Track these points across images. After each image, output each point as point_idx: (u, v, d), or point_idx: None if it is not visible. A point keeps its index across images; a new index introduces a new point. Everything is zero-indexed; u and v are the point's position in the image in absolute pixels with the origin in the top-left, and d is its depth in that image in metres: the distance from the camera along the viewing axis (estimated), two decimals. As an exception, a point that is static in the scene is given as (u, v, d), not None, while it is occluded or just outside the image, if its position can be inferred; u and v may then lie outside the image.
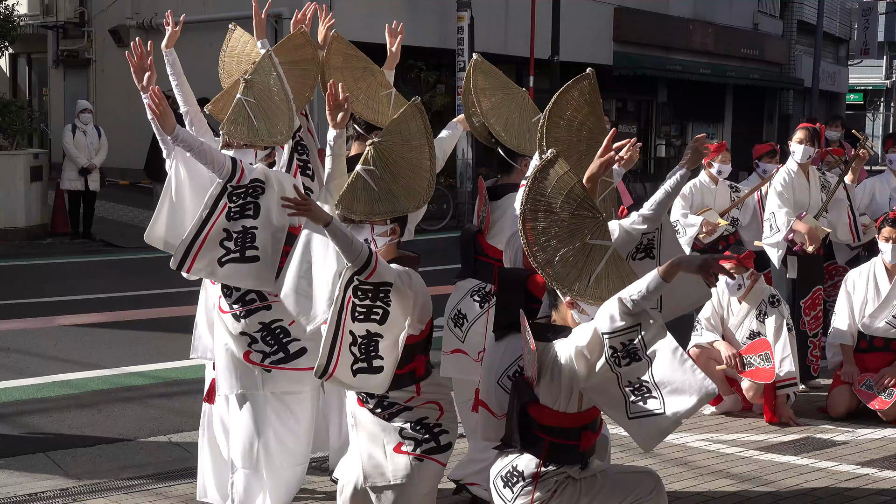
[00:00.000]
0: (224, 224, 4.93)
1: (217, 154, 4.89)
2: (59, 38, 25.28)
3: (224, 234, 4.93)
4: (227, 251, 4.93)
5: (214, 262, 4.92)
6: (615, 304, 3.92)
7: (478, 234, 5.60)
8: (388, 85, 5.76)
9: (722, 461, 6.53)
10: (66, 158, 16.38)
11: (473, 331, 5.51)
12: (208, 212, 4.90)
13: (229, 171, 4.88)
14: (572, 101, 4.48)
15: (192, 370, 8.72)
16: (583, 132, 4.51)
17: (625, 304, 3.89)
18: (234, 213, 4.93)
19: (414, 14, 20.27)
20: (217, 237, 4.92)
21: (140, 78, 5.10)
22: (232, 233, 4.93)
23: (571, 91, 4.49)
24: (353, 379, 4.34)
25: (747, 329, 7.50)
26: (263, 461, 4.98)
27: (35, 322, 10.58)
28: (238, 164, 4.93)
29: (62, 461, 6.58)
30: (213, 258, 4.92)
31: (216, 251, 4.92)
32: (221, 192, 4.91)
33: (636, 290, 3.89)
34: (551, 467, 4.20)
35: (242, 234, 4.93)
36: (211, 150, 4.88)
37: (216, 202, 4.91)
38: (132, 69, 5.14)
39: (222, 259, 4.93)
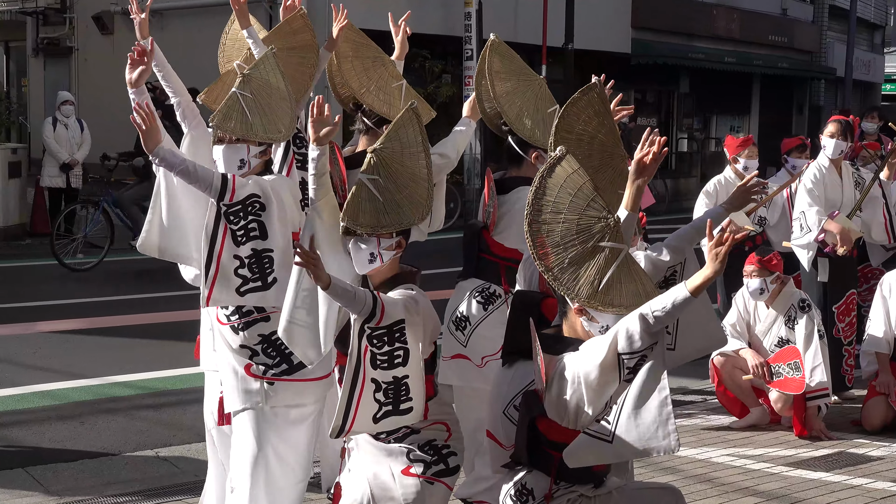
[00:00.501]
0: (233, 250, 4.89)
1: (202, 171, 4.85)
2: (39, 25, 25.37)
3: (237, 261, 4.90)
4: (243, 280, 4.91)
5: (233, 293, 4.92)
6: (635, 321, 3.87)
7: (483, 230, 5.58)
8: (400, 76, 5.74)
9: (748, 478, 6.52)
10: (47, 153, 16.37)
11: (476, 334, 5.50)
12: (210, 238, 4.88)
13: (218, 188, 4.84)
14: (581, 114, 4.45)
15: (182, 380, 8.75)
16: (594, 146, 4.47)
17: (647, 320, 3.85)
18: (239, 237, 4.89)
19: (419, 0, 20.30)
20: (230, 266, 4.90)
21: (132, 71, 5.06)
22: (244, 259, 4.91)
23: (578, 103, 4.46)
24: (374, 426, 4.36)
25: (775, 336, 7.50)
26: (263, 480, 4.97)
27: (13, 328, 10.58)
28: (228, 179, 4.87)
29: (42, 477, 6.58)
30: (231, 289, 4.91)
31: (232, 281, 4.90)
32: (217, 214, 4.89)
33: (660, 306, 3.85)
34: (563, 485, 4.21)
35: (257, 260, 4.91)
36: (195, 169, 4.84)
37: (216, 227, 4.89)
38: (129, 63, 5.07)
39: (241, 289, 4.91)
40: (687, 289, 3.84)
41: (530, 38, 22.40)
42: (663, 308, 3.84)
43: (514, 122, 5.47)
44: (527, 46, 23.20)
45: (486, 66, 5.52)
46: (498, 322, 5.47)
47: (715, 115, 31.87)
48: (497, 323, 5.47)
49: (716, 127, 31.77)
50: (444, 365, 5.54)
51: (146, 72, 5.07)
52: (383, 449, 4.48)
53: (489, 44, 5.59)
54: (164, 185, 5.31)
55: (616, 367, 3.92)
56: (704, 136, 31.01)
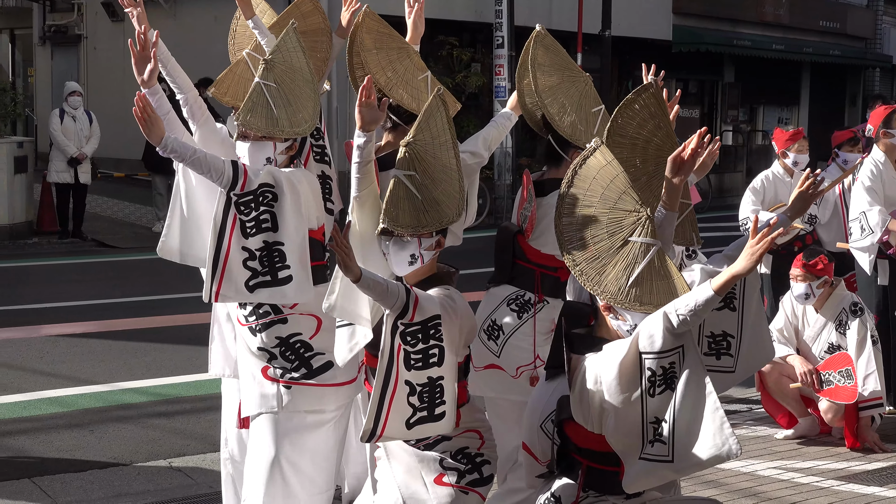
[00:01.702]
0: (241, 242, 4.92)
1: (214, 161, 4.88)
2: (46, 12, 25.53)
3: (245, 253, 4.92)
4: (253, 273, 4.93)
5: (242, 287, 4.93)
6: (659, 320, 3.89)
7: (518, 234, 5.57)
8: (424, 67, 5.72)
9: (796, 492, 6.51)
10: (54, 147, 16.49)
11: (510, 344, 5.50)
12: (219, 230, 4.90)
13: (230, 177, 4.88)
14: (635, 116, 4.44)
15: (195, 386, 8.79)
16: (649, 150, 4.46)
17: (670, 320, 3.86)
18: (249, 228, 4.91)
19: (446, -17, 20.31)
20: (238, 258, 4.91)
21: (141, 70, 5.05)
22: (254, 251, 4.92)
23: (632, 105, 4.44)
24: (407, 432, 4.36)
25: (825, 342, 7.47)
26: (280, 487, 4.99)
27: (19, 331, 10.68)
28: (240, 167, 4.91)
29: (49, 488, 6.64)
30: (240, 282, 4.93)
31: (241, 274, 4.92)
32: (227, 204, 4.91)
33: (684, 305, 3.86)
34: (591, 494, 4.23)
35: (268, 253, 4.93)
36: (206, 158, 4.87)
37: (224, 216, 4.91)
38: (133, 60, 5.08)
39: (250, 283, 4.93)
40: (711, 287, 3.84)
41: (565, 25, 22.36)
42: (686, 306, 3.85)
43: (556, 119, 5.45)
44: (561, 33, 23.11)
45: (530, 58, 5.50)
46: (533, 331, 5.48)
47: (762, 107, 31.74)
48: (532, 332, 5.48)
49: (763, 119, 31.61)
50: (477, 376, 5.53)
51: (155, 69, 5.05)
52: (415, 455, 4.49)
53: (534, 35, 5.56)
54: (183, 187, 5.34)
55: (637, 367, 3.93)
56: (750, 129, 30.85)
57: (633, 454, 4.02)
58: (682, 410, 3.92)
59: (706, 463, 3.91)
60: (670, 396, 3.93)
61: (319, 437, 5.07)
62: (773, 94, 31.90)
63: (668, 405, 3.94)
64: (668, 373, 3.92)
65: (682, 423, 3.91)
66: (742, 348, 4.60)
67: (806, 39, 31.41)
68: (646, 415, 3.97)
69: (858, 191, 8.08)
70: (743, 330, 4.62)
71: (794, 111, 33.05)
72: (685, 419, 3.91)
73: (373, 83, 4.58)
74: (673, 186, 4.26)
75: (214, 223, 4.93)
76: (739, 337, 4.62)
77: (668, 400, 3.94)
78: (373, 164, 4.63)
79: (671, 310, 3.88)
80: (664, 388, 3.93)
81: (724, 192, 25.57)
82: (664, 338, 3.88)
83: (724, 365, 4.62)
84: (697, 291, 3.87)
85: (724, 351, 4.62)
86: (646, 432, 3.98)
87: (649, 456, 3.98)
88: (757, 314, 4.67)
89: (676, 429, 3.92)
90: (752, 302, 4.64)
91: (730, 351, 4.62)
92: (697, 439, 3.89)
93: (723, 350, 4.62)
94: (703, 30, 27.51)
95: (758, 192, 8.52)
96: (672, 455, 3.94)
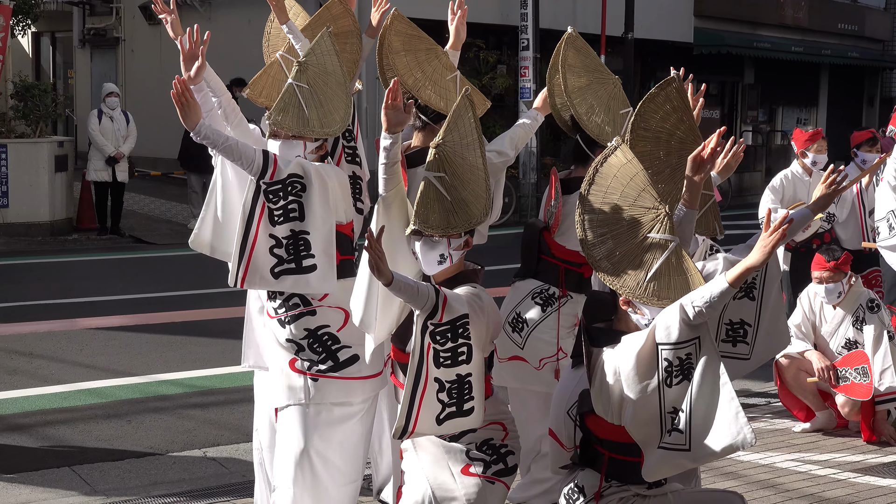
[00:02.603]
0: (269, 229, 4.92)
1: (245, 149, 4.89)
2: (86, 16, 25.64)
3: (272, 240, 4.92)
4: (279, 260, 4.93)
5: (268, 274, 4.94)
6: (675, 312, 3.90)
7: (544, 230, 5.58)
8: (453, 67, 5.72)
9: (814, 484, 6.48)
10: (93, 147, 16.56)
11: (534, 336, 5.51)
12: (248, 216, 4.91)
13: (260, 165, 4.89)
14: (658, 109, 4.43)
15: (230, 378, 8.82)
16: (672, 143, 4.45)
17: (686, 312, 3.88)
18: (277, 216, 4.92)
19: (473, -13, 20.29)
20: (265, 245, 4.92)
21: (189, 67, 5.05)
22: (280, 239, 4.93)
23: (656, 99, 4.44)
24: (438, 428, 4.37)
25: (842, 337, 7.44)
26: (309, 478, 5.00)
27: (59, 325, 10.75)
28: (270, 156, 4.92)
29: (88, 476, 6.68)
30: (266, 269, 4.93)
31: (267, 261, 4.93)
32: (256, 192, 4.92)
33: (700, 297, 3.87)
34: (614, 484, 4.23)
35: (294, 241, 4.94)
36: (238, 146, 4.88)
37: (254, 204, 4.92)
38: (182, 57, 5.08)
39: (275, 269, 4.93)
40: (727, 279, 3.86)
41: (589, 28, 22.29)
42: (702, 299, 3.86)
43: (584, 119, 5.44)
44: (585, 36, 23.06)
45: (561, 59, 5.50)
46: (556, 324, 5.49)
47: (781, 108, 31.57)
48: (555, 325, 5.48)
49: (782, 119, 31.44)
50: (500, 367, 5.55)
51: (202, 66, 5.05)
52: (442, 446, 4.50)
53: (565, 37, 5.56)
54: (220, 181, 5.35)
55: (654, 357, 3.94)
56: (770, 129, 30.70)
57: (652, 443, 4.04)
58: (698, 400, 3.92)
59: (722, 452, 3.92)
60: (687, 386, 3.94)
61: (347, 430, 5.07)
62: (792, 96, 31.73)
63: (685, 395, 3.95)
64: (685, 363, 3.93)
65: (699, 413, 3.92)
66: (758, 337, 4.62)
67: (824, 42, 31.23)
68: (663, 404, 3.98)
69: (885, 190, 7.98)
70: (760, 320, 4.64)
71: (812, 112, 32.86)
72: (702, 409, 3.92)
73: (399, 85, 4.59)
74: (693, 184, 4.26)
75: (243, 210, 4.93)
76: (756, 326, 4.64)
77: (684, 390, 3.95)
78: (399, 165, 4.63)
79: (687, 302, 3.90)
80: (681, 378, 3.94)
81: (743, 190, 25.46)
82: (680, 329, 3.89)
83: (739, 352, 4.64)
84: (713, 284, 3.88)
85: (740, 339, 4.63)
86: (664, 421, 3.99)
87: (667, 445, 3.99)
88: (776, 305, 4.67)
89: (693, 418, 3.92)
90: (771, 292, 4.64)
91: (746, 339, 4.63)
92: (713, 428, 3.90)
93: (739, 338, 4.63)
94: (724, 32, 27.40)
95: (777, 190, 8.49)
96: (689, 444, 3.94)
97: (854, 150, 8.88)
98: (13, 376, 8.87)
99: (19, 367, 9.18)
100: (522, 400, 5.62)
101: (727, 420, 3.88)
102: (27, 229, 16.39)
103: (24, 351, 9.69)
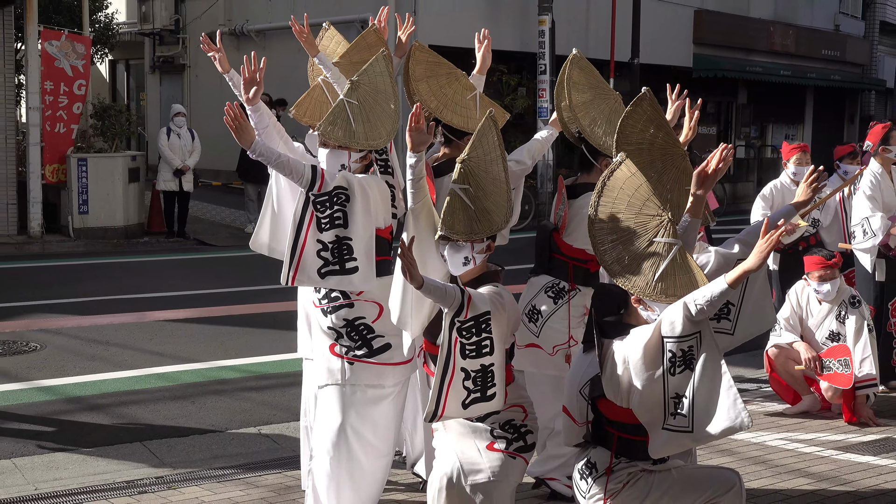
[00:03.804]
0: (316, 235, 4.93)
1: (296, 164, 4.90)
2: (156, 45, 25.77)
3: (319, 245, 4.94)
4: (325, 262, 4.94)
5: (315, 274, 4.95)
6: (679, 309, 3.91)
7: (554, 231, 5.58)
8: (472, 87, 5.74)
9: (800, 460, 6.43)
10: (162, 160, 16.64)
11: (548, 326, 5.52)
12: (298, 224, 4.93)
13: (309, 179, 4.90)
14: (636, 124, 4.44)
15: (282, 364, 8.84)
16: (654, 151, 4.45)
17: (689, 309, 3.88)
18: (323, 224, 4.93)
19: (496, 19, 20.26)
20: (313, 249, 4.94)
21: (248, 90, 5.08)
22: (326, 244, 4.94)
23: (633, 115, 4.44)
24: (463, 412, 4.38)
25: (827, 329, 7.39)
26: (344, 451, 5.00)
27: (132, 317, 10.80)
28: (318, 171, 4.92)
29: (157, 450, 6.72)
30: (313, 269, 4.95)
31: (315, 262, 4.94)
32: (306, 202, 4.93)
33: (702, 297, 3.88)
34: (623, 460, 4.22)
35: (338, 246, 4.94)
36: (289, 162, 4.89)
37: (303, 213, 4.94)
38: (242, 81, 5.11)
39: (322, 270, 4.95)
40: (726, 281, 3.87)
41: (599, 54, 22.25)
42: (703, 297, 3.87)
43: (587, 130, 5.43)
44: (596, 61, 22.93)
45: (566, 76, 5.49)
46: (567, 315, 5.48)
47: (771, 125, 31.38)
48: (566, 315, 5.48)
49: (772, 135, 31.23)
50: (519, 353, 5.54)
51: (260, 89, 5.07)
52: (468, 426, 4.51)
53: (571, 57, 5.56)
54: (274, 190, 5.38)
55: (659, 349, 3.95)
56: (761, 144, 30.52)
57: (657, 425, 4.03)
58: (700, 388, 3.92)
59: (722, 433, 3.91)
60: (689, 376, 3.93)
61: (380, 409, 5.07)
62: (780, 114, 31.53)
63: (688, 383, 3.94)
64: (688, 355, 3.92)
65: (701, 399, 3.91)
66: (741, 315, 4.63)
67: (810, 66, 31.03)
68: (667, 391, 3.97)
69: (860, 199, 7.99)
70: (744, 301, 4.64)
71: (799, 129, 32.62)
72: (703, 395, 3.91)
73: (421, 110, 4.60)
74: (697, 198, 4.27)
75: (294, 218, 4.95)
76: (739, 306, 4.64)
77: (687, 378, 3.94)
78: (425, 180, 4.64)
79: (690, 300, 3.89)
80: (684, 367, 3.93)
81: (737, 199, 25.34)
82: (684, 324, 3.89)
83: (723, 327, 4.64)
84: (714, 284, 3.88)
85: (724, 316, 4.64)
86: (667, 406, 3.99)
87: (671, 427, 3.99)
88: (760, 290, 4.68)
89: (696, 404, 3.92)
90: (756, 280, 4.63)
91: (729, 317, 4.65)
92: (715, 413, 3.90)
93: (723, 315, 4.64)
94: (720, 57, 27.25)
95: (767, 198, 8.45)
96: (692, 426, 3.94)
97: (837, 163, 8.82)
98: (92, 362, 8.92)
99: (97, 354, 9.23)
100: (538, 382, 5.61)
101: (727, 405, 3.87)
102: (104, 233, 16.48)
103: (102, 340, 9.74)
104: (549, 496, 5.65)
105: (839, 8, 33.52)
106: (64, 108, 16.80)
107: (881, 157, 8.09)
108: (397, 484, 5.87)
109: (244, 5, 22.99)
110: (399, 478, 5.93)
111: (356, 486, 5.05)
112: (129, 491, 5.81)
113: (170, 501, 5.65)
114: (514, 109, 20.68)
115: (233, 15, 23.24)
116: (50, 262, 14.64)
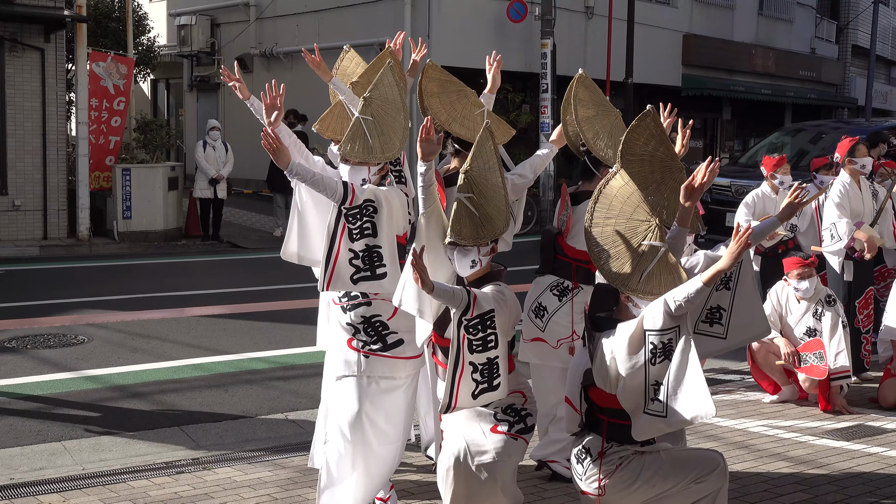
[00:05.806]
0: (348, 244, 4.92)
1: (329, 181, 4.89)
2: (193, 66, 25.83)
3: (351, 253, 4.93)
4: (356, 269, 4.94)
5: (348, 280, 4.96)
6: (660, 304, 3.93)
7: (558, 235, 5.58)
8: (481, 104, 5.73)
9: (780, 445, 6.41)
10: (198, 170, 16.66)
11: (553, 321, 5.51)
12: (331, 235, 4.92)
13: (341, 195, 4.89)
14: (639, 137, 4.43)
15: (307, 356, 8.84)
16: (655, 163, 4.45)
17: (668, 305, 3.89)
18: (355, 234, 4.92)
19: (502, 41, 20.24)
20: (346, 257, 4.93)
21: (269, 115, 5.08)
22: (357, 252, 4.93)
23: (637, 129, 4.44)
24: (474, 402, 4.38)
25: (805, 326, 7.36)
26: (359, 436, 4.99)
27: (171, 313, 10.81)
28: (349, 187, 4.92)
29: (194, 434, 6.72)
30: (346, 276, 4.95)
31: (348, 270, 4.94)
32: (338, 215, 4.92)
33: (681, 295, 3.90)
34: (614, 444, 4.22)
35: (368, 254, 4.94)
36: (323, 180, 4.88)
37: (336, 225, 4.93)
38: (264, 107, 5.11)
39: (354, 276, 4.95)
40: (702, 280, 3.88)
41: (597, 74, 22.21)
42: (682, 294, 3.89)
43: (591, 142, 5.44)
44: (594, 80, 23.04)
45: (573, 93, 5.50)
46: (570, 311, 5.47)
47: (753, 139, 31.27)
48: (570, 312, 5.46)
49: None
50: (525, 346, 5.57)
51: (280, 114, 5.08)
52: (474, 411, 4.51)
53: (577, 77, 5.58)
54: (298, 203, 5.37)
55: (642, 341, 3.97)
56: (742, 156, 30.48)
57: (638, 410, 4.06)
58: (673, 378, 3.93)
59: (690, 420, 3.92)
60: (668, 365, 3.95)
61: (392, 399, 5.06)
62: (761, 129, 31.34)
63: (664, 371, 3.96)
64: (667, 346, 3.95)
65: (674, 387, 3.93)
66: (732, 320, 4.60)
67: (788, 85, 30.97)
68: (648, 379, 4.00)
69: (830, 206, 8.04)
70: (734, 306, 4.62)
71: (778, 142, 32.52)
72: (676, 384, 3.93)
73: (432, 122, 4.59)
74: (685, 209, 4.25)
75: (328, 230, 4.94)
76: (730, 311, 4.62)
77: (665, 368, 3.97)
78: (435, 187, 4.63)
79: (670, 297, 3.92)
80: (663, 358, 3.95)
81: (722, 206, 25.24)
82: (664, 319, 3.92)
83: (715, 332, 4.62)
84: (691, 283, 3.91)
85: (716, 320, 4.63)
86: (647, 392, 4.00)
87: (650, 411, 4.01)
88: (750, 296, 4.65)
89: (669, 391, 3.93)
90: (745, 284, 4.62)
91: (721, 321, 4.63)
92: (685, 400, 3.91)
93: (715, 319, 4.63)
94: (706, 77, 27.21)
95: (749, 206, 8.42)
96: (665, 412, 3.95)
97: (813, 174, 8.80)
98: (134, 353, 8.93)
99: (139, 346, 9.24)
100: (542, 373, 5.60)
101: (695, 394, 3.88)
102: (145, 236, 16.51)
103: (143, 333, 9.75)
104: (551, 477, 5.64)
105: (815, 33, 33.47)
106: (105, 122, 17.08)
107: (849, 168, 8.15)
108: (411, 465, 5.86)
109: (274, 29, 23.01)
110: (413, 460, 5.92)
111: (368, 469, 5.04)
112: (167, 471, 5.81)
113: (205, 481, 5.65)
114: (519, 125, 20.65)
115: (263, 38, 23.26)
116: (96, 262, 14.66)
